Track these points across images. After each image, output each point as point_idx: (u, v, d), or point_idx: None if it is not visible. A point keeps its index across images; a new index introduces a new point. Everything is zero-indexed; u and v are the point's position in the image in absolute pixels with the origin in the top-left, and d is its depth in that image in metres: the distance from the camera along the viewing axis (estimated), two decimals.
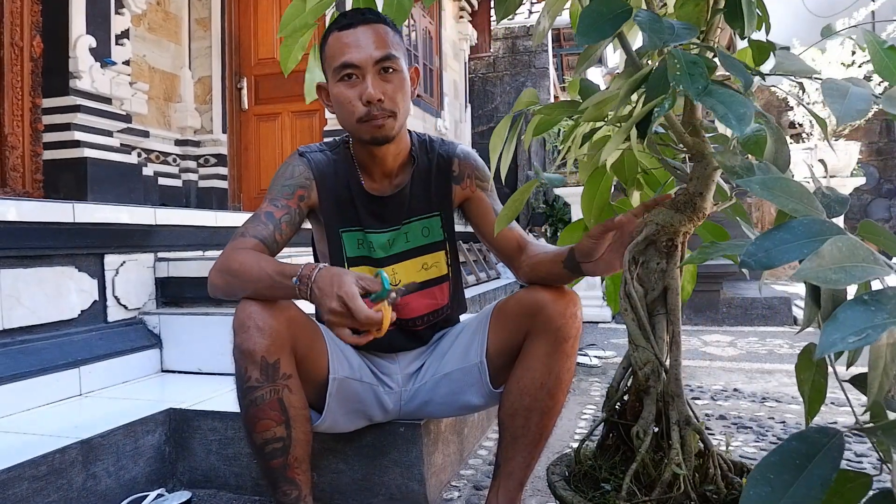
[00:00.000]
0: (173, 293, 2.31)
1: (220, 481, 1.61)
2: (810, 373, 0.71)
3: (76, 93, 3.00)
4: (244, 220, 1.26)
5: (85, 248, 2.05)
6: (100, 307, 2.09)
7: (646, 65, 0.92)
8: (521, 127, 1.05)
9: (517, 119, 1.05)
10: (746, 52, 0.97)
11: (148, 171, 3.92)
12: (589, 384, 2.68)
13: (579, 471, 1.07)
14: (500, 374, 1.31)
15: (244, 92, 4.70)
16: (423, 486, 1.46)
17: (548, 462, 1.18)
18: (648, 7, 0.95)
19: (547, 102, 1.05)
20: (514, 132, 1.03)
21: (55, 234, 1.93)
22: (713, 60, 0.81)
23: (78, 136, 2.99)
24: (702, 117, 0.99)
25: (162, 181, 4.25)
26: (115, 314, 2.14)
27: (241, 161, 4.76)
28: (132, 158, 3.32)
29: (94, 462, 1.44)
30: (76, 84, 2.99)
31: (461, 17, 6.72)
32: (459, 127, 6.57)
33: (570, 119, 1.11)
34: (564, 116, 1.05)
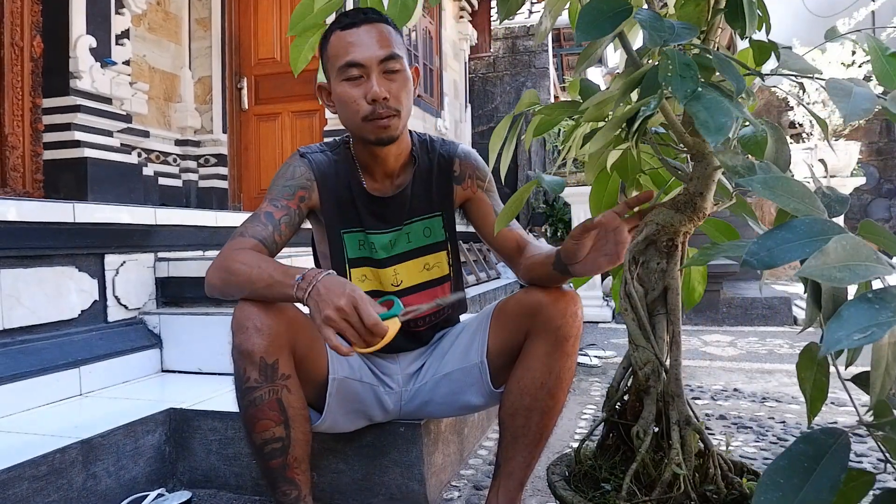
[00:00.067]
0: (173, 293, 2.31)
1: (220, 481, 1.61)
2: (812, 371, 0.71)
3: (76, 93, 3.00)
4: (244, 220, 1.25)
5: (85, 248, 2.05)
6: (100, 307, 2.09)
7: (646, 64, 0.92)
8: (522, 127, 1.05)
9: (517, 119, 1.05)
10: (747, 52, 0.97)
11: (148, 171, 3.92)
12: (589, 384, 2.68)
13: (579, 471, 1.07)
14: (501, 373, 1.31)
15: (244, 92, 4.70)
16: (424, 485, 1.46)
17: (548, 462, 1.18)
18: (649, 6, 0.95)
19: (547, 102, 1.05)
20: (515, 132, 1.03)
21: (55, 234, 1.93)
22: (710, 59, 0.80)
23: (78, 136, 2.99)
24: None
25: (162, 181, 4.25)
26: (115, 314, 2.14)
27: (241, 161, 4.76)
28: (132, 158, 3.32)
29: (94, 462, 1.44)
30: (76, 84, 2.99)
31: (461, 17, 6.72)
32: (459, 127, 6.57)
33: (571, 119, 1.10)
34: (565, 116, 1.05)
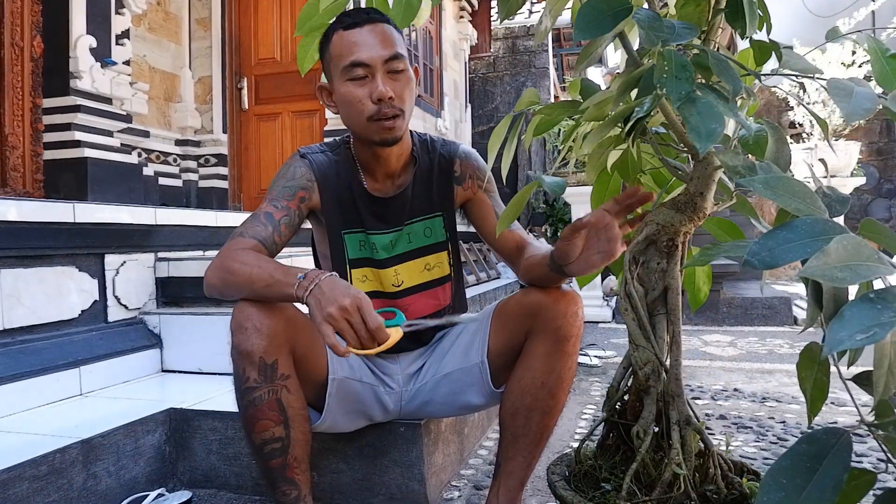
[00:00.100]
0: (174, 293, 2.31)
1: (220, 481, 1.61)
2: (812, 371, 0.71)
3: (76, 93, 3.00)
4: (244, 220, 1.25)
5: (85, 247, 2.05)
6: (100, 307, 2.09)
7: (646, 64, 0.92)
8: (522, 127, 1.05)
9: (517, 119, 1.05)
10: (748, 52, 0.97)
11: (148, 171, 3.92)
12: (589, 384, 2.68)
13: (579, 470, 1.07)
14: (501, 373, 1.31)
15: (244, 92, 4.70)
16: (424, 485, 1.46)
17: (548, 462, 1.18)
18: (650, 6, 0.95)
19: (547, 102, 1.05)
20: (515, 132, 1.03)
21: (56, 234, 1.93)
22: (708, 57, 0.80)
23: (78, 136, 2.99)
24: None
25: (162, 181, 4.25)
26: (115, 314, 2.14)
27: (241, 161, 4.76)
28: (132, 158, 3.32)
29: (94, 462, 1.44)
30: (76, 84, 2.99)
31: (461, 16, 6.72)
32: (459, 127, 6.57)
33: (571, 119, 1.10)
34: (565, 116, 1.05)
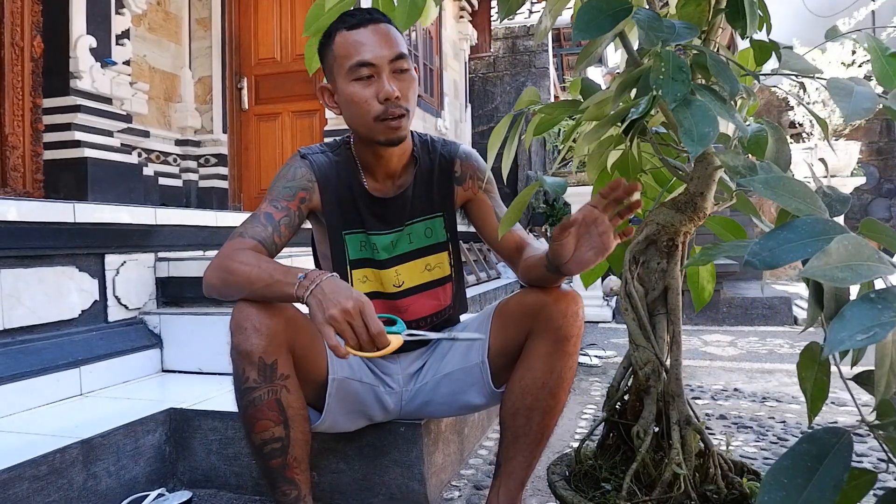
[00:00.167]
0: (174, 293, 2.31)
1: (220, 481, 1.61)
2: (812, 371, 0.71)
3: (76, 93, 3.00)
4: (243, 220, 1.25)
5: (85, 247, 2.04)
6: (100, 307, 2.09)
7: (646, 64, 0.92)
8: (522, 127, 1.05)
9: (517, 118, 1.05)
10: (748, 52, 0.97)
11: (148, 171, 3.92)
12: (589, 384, 2.68)
13: (580, 470, 1.07)
14: (502, 373, 1.31)
15: (244, 92, 4.70)
16: (424, 485, 1.46)
17: (548, 462, 1.18)
18: (650, 6, 0.95)
19: (547, 102, 1.05)
20: (515, 131, 1.03)
21: (56, 234, 1.93)
22: (706, 58, 0.80)
23: (78, 136, 2.99)
24: None
25: (162, 181, 4.25)
26: (115, 314, 2.14)
27: (241, 161, 4.76)
28: (132, 158, 3.32)
29: (94, 462, 1.44)
30: (76, 84, 2.99)
31: (461, 16, 6.72)
32: (459, 127, 6.57)
33: (571, 119, 1.10)
34: (565, 116, 1.05)
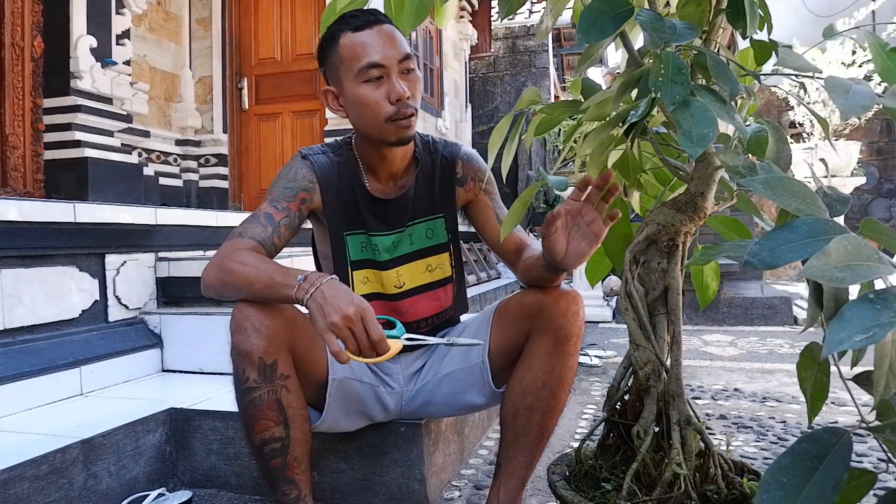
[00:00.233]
0: (174, 293, 2.31)
1: (220, 481, 1.61)
2: (812, 371, 0.71)
3: (77, 93, 3.00)
4: (243, 220, 1.24)
5: (86, 247, 2.05)
6: (101, 307, 2.09)
7: (647, 64, 0.92)
8: (522, 127, 1.05)
9: (518, 118, 1.05)
10: (748, 51, 0.97)
11: (149, 170, 3.92)
12: (589, 384, 2.68)
13: (580, 470, 1.07)
14: (502, 373, 1.31)
15: (245, 92, 4.70)
16: (424, 485, 1.46)
17: (548, 462, 1.18)
18: (651, 7, 0.95)
19: (547, 102, 1.05)
20: (515, 131, 1.03)
21: (56, 234, 1.93)
22: (706, 59, 0.80)
23: (79, 136, 2.99)
24: None
25: (163, 181, 4.25)
26: (115, 314, 2.14)
27: (241, 161, 4.76)
28: (133, 158, 3.32)
29: (94, 461, 1.44)
30: (77, 84, 2.99)
31: (461, 16, 6.72)
32: (460, 127, 6.57)
33: (572, 119, 1.10)
34: (566, 116, 1.05)
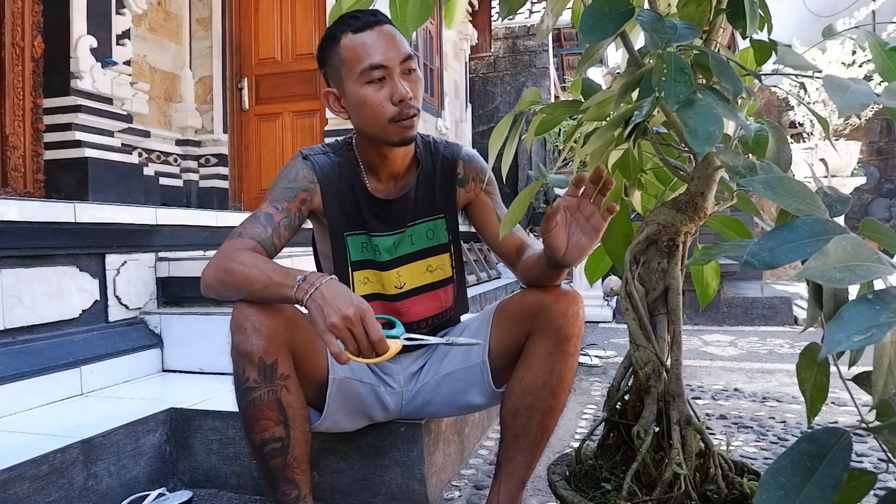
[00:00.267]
0: (174, 293, 2.31)
1: (220, 481, 1.61)
2: (812, 371, 0.71)
3: (77, 93, 3.00)
4: (243, 220, 1.24)
5: (86, 247, 2.05)
6: (101, 307, 2.09)
7: (647, 64, 0.92)
8: (523, 127, 1.05)
9: (518, 118, 1.05)
10: (748, 51, 0.97)
11: (149, 170, 3.92)
12: (589, 384, 2.68)
13: (580, 470, 1.07)
14: (502, 373, 1.31)
15: (245, 92, 4.70)
16: (424, 485, 1.46)
17: (548, 462, 1.18)
18: (651, 7, 0.95)
19: (548, 102, 1.05)
20: (516, 131, 1.03)
21: (56, 234, 1.93)
22: (709, 58, 0.80)
23: (79, 136, 2.99)
24: None
25: (163, 181, 4.24)
26: (116, 314, 2.14)
27: (241, 161, 4.76)
28: (133, 158, 3.32)
29: (95, 461, 1.44)
30: (77, 84, 2.99)
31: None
32: (460, 127, 6.57)
33: (572, 119, 1.10)
34: (566, 116, 1.05)
